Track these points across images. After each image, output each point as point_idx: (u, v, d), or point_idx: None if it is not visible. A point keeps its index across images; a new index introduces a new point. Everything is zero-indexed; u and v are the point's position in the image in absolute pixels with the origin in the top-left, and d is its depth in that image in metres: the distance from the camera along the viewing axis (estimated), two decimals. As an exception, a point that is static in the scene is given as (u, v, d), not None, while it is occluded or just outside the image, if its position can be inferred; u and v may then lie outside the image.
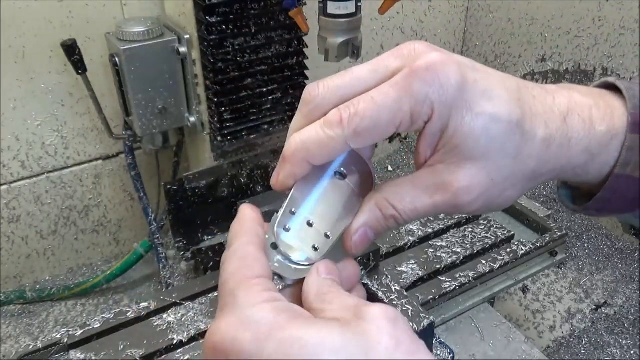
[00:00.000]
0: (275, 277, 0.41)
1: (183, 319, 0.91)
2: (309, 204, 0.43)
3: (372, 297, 0.87)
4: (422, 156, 0.42)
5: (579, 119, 0.42)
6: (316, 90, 0.41)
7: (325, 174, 0.43)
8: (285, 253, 0.41)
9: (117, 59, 1.14)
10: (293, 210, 0.42)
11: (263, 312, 0.34)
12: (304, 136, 0.40)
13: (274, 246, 0.42)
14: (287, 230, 0.42)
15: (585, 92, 0.44)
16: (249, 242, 0.40)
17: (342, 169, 0.44)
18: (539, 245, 1.10)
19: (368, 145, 0.41)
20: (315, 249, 0.42)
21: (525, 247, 1.09)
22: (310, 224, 0.42)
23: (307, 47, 1.19)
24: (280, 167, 0.42)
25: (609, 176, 0.43)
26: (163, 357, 0.87)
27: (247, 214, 0.42)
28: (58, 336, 0.88)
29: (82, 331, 0.88)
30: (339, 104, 0.40)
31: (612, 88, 0.45)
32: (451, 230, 1.13)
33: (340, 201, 0.43)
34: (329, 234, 0.42)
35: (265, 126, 1.23)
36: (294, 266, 0.41)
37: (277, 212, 0.42)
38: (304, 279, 0.40)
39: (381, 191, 0.43)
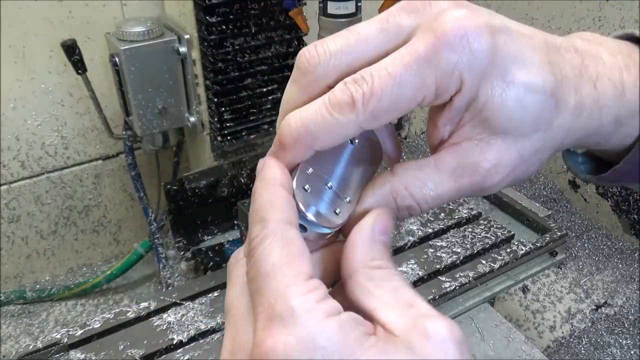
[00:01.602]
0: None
1: (183, 319, 0.91)
2: (325, 166, 0.38)
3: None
4: (440, 133, 0.36)
5: (609, 83, 0.37)
6: (315, 58, 0.34)
7: None
8: (306, 213, 0.36)
9: (117, 59, 1.14)
10: (310, 170, 0.37)
11: (329, 331, 0.29)
12: (307, 119, 0.33)
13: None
14: (307, 190, 0.36)
15: (614, 49, 0.38)
16: (289, 223, 0.33)
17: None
18: (539, 245, 1.10)
19: (383, 125, 0.35)
20: (337, 214, 0.37)
21: (525, 247, 1.09)
22: (329, 187, 0.37)
23: (307, 47, 1.19)
24: (276, 154, 0.35)
25: (631, 147, 0.38)
26: (163, 357, 0.86)
27: (277, 176, 0.34)
28: (58, 336, 0.88)
29: (82, 331, 0.88)
30: (345, 73, 0.34)
31: (634, 41, 0.39)
32: (451, 230, 1.13)
33: (355, 168, 0.39)
34: (348, 199, 0.37)
35: (265, 126, 1.23)
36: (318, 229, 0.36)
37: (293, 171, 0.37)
38: (325, 237, 0.36)
39: (398, 174, 0.36)
